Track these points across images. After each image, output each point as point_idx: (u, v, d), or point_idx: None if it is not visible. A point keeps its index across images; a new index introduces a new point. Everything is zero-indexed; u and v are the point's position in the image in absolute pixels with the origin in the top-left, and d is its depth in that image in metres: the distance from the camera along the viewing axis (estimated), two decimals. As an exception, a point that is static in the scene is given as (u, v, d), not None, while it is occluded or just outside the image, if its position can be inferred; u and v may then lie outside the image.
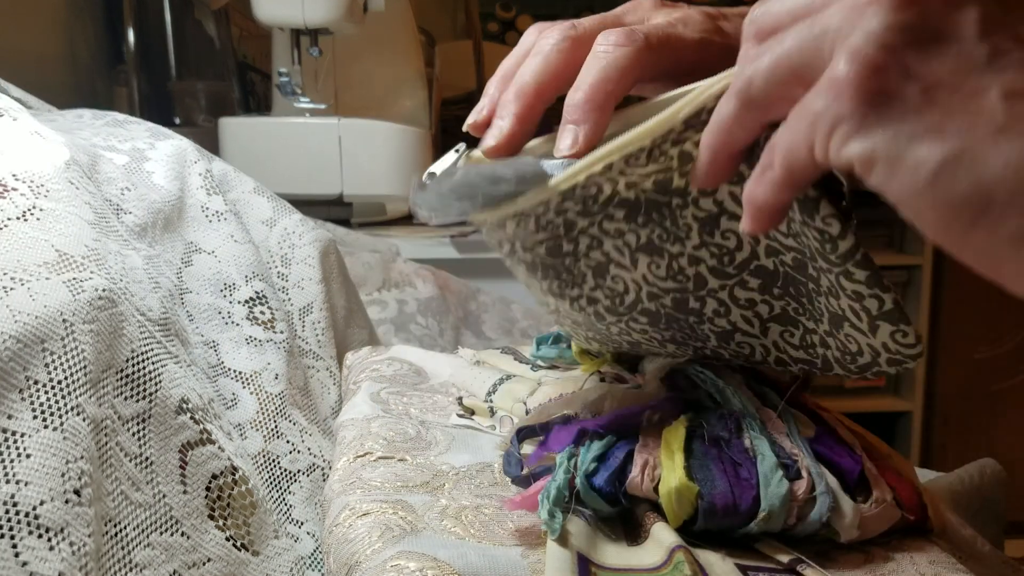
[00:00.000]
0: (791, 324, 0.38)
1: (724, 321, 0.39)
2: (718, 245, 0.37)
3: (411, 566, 0.30)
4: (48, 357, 0.34)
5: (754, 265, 0.37)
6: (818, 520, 0.35)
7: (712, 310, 0.39)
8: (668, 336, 0.42)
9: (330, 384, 0.58)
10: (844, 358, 0.37)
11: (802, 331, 0.38)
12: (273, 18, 0.94)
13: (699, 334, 0.40)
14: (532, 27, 0.42)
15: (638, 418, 0.38)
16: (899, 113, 0.25)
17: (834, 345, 0.37)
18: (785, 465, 0.35)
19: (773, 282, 0.37)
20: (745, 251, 0.37)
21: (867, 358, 0.35)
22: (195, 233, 0.54)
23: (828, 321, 0.36)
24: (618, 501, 0.36)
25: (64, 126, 0.58)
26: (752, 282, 0.37)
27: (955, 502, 0.41)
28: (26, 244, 0.37)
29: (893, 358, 0.35)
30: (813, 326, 0.37)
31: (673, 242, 0.37)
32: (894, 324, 0.33)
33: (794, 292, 0.37)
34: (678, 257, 0.38)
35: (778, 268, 0.36)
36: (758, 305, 0.38)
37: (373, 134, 1.00)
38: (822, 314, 0.36)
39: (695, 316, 0.39)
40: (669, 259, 0.38)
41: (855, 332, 0.35)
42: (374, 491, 0.38)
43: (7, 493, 0.30)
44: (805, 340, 0.38)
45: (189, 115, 1.32)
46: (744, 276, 0.37)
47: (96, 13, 1.26)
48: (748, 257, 0.37)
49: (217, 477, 0.41)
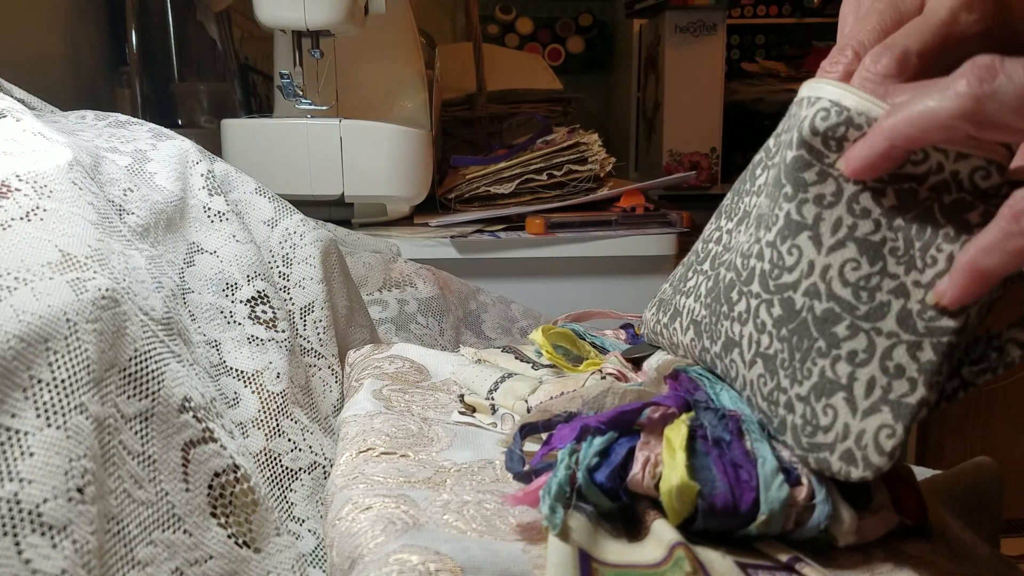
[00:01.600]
0: (770, 372, 0.37)
1: (738, 328, 0.39)
2: (779, 254, 0.36)
3: (413, 559, 0.31)
4: (51, 356, 0.34)
5: (787, 295, 0.36)
6: (816, 527, 0.35)
7: (739, 311, 0.39)
8: (701, 316, 0.42)
9: (331, 383, 0.58)
10: (804, 428, 0.35)
11: (774, 384, 0.37)
12: (275, 20, 0.94)
13: (718, 329, 0.40)
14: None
15: (640, 415, 0.38)
16: None
17: (800, 411, 0.36)
18: (786, 470, 0.36)
19: (788, 321, 0.36)
20: (792, 276, 0.36)
21: (829, 438, 0.34)
22: (197, 233, 0.54)
23: (810, 387, 0.35)
24: (619, 497, 0.36)
25: (67, 127, 0.58)
26: (776, 310, 0.37)
27: (951, 500, 0.41)
28: (29, 244, 0.37)
29: (854, 453, 0.33)
30: (787, 384, 0.36)
31: (764, 226, 0.37)
32: (894, 419, 0.32)
33: (795, 343, 0.36)
34: (758, 242, 0.38)
35: (802, 311, 0.36)
36: (764, 335, 0.37)
37: (374, 135, 1.00)
38: (807, 377, 0.35)
39: (728, 307, 0.39)
40: (754, 239, 0.38)
41: (843, 406, 0.34)
42: (377, 486, 0.38)
43: (11, 491, 0.30)
44: (772, 395, 0.37)
45: (191, 116, 1.32)
46: (775, 299, 0.37)
47: (99, 15, 1.27)
48: (790, 283, 0.36)
49: (219, 475, 0.41)
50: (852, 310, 0.34)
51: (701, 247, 0.45)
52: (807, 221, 0.35)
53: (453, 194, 1.13)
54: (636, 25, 1.67)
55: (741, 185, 0.43)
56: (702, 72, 1.51)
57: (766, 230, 0.37)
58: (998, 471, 0.43)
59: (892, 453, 0.33)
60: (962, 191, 0.32)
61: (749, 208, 0.41)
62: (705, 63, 1.51)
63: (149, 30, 1.30)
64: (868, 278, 0.34)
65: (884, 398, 0.33)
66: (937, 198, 0.33)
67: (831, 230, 0.35)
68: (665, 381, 0.43)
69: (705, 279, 0.42)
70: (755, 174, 0.41)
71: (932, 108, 0.29)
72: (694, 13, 1.48)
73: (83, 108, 0.65)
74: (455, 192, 1.13)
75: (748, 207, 0.41)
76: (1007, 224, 0.28)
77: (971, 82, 0.28)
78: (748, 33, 1.83)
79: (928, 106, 0.29)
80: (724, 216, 0.44)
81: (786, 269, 0.36)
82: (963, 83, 0.28)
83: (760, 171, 0.41)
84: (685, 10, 1.48)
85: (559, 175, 1.11)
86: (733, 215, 0.43)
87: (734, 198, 0.43)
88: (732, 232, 0.42)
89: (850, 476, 0.34)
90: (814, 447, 0.35)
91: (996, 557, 0.37)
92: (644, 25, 1.65)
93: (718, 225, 0.44)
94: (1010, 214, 0.28)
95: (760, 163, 0.41)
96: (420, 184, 1.05)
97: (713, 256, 0.43)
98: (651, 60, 1.60)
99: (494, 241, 1.04)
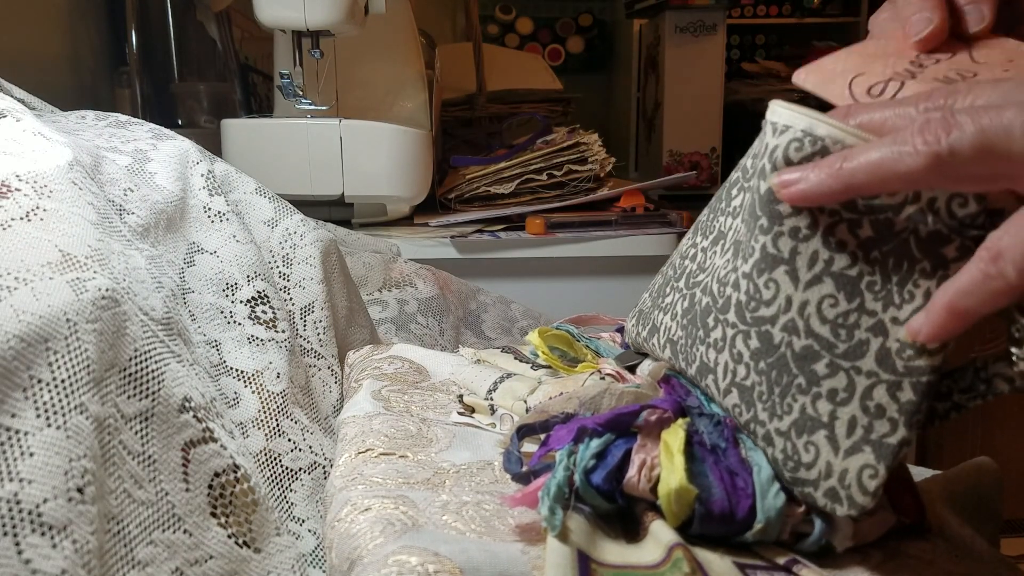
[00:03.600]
0: (746, 403, 0.37)
1: (714, 355, 0.38)
2: (756, 287, 0.36)
3: (412, 560, 0.31)
4: (51, 356, 0.34)
5: (764, 328, 0.36)
6: (816, 544, 0.35)
7: (715, 338, 0.38)
8: (677, 336, 0.42)
9: (331, 383, 0.58)
10: (785, 462, 0.35)
11: (751, 416, 0.37)
12: (275, 20, 0.94)
13: (693, 353, 0.40)
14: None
15: (637, 417, 0.38)
16: None
17: (781, 446, 0.35)
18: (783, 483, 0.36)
19: (766, 355, 0.36)
20: (770, 310, 0.35)
21: (812, 475, 0.34)
22: (197, 233, 0.54)
23: (790, 422, 0.35)
24: (615, 499, 0.36)
25: (67, 127, 0.58)
26: (753, 342, 0.36)
27: (951, 500, 0.41)
28: (29, 244, 0.37)
29: (837, 491, 0.33)
30: (765, 418, 0.36)
31: (742, 256, 0.37)
32: (876, 460, 0.32)
33: (774, 377, 0.35)
34: (735, 271, 0.37)
35: (781, 346, 0.35)
36: (740, 365, 0.37)
37: (374, 135, 1.00)
38: (786, 412, 0.35)
39: (704, 332, 0.39)
40: (732, 268, 0.38)
41: (825, 444, 0.34)
42: (376, 487, 0.38)
43: (10, 491, 0.30)
44: (749, 426, 0.37)
45: (191, 116, 1.32)
46: (752, 331, 0.36)
47: (99, 15, 1.27)
48: (767, 316, 0.35)
49: (219, 475, 0.41)
50: (831, 348, 0.34)
51: (678, 262, 0.44)
52: (783, 255, 0.35)
53: (453, 194, 1.13)
54: (636, 25, 1.67)
55: (717, 203, 0.42)
56: (702, 72, 1.51)
57: (743, 260, 0.37)
58: (998, 471, 0.43)
59: (875, 493, 0.32)
60: (939, 221, 0.32)
61: (724, 229, 0.40)
62: (705, 63, 1.50)
63: (149, 30, 1.30)
64: (846, 315, 0.33)
65: (866, 438, 0.33)
66: (913, 229, 0.32)
67: (807, 264, 0.34)
68: (659, 385, 0.43)
69: (681, 298, 0.42)
70: (731, 194, 0.41)
71: (893, 162, 0.29)
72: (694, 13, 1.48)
73: (83, 108, 0.65)
74: (455, 192, 1.13)
75: (724, 227, 0.40)
76: (986, 266, 0.28)
77: (928, 140, 0.28)
78: (748, 33, 1.83)
79: (888, 160, 0.30)
80: (700, 233, 0.43)
81: (763, 303, 0.36)
82: (920, 140, 0.29)
83: (736, 191, 0.40)
84: (685, 10, 1.48)
85: (559, 175, 1.11)
86: (709, 233, 0.42)
87: (710, 215, 0.43)
88: (707, 251, 0.41)
89: (836, 512, 0.34)
90: (797, 481, 0.35)
91: (996, 556, 0.37)
92: (644, 25, 1.65)
93: (694, 242, 0.43)
94: (988, 256, 0.28)
95: (736, 183, 0.41)
96: (420, 184, 1.05)
97: (688, 274, 0.42)
98: (651, 60, 1.60)
99: (494, 241, 1.04)
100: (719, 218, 0.41)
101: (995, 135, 0.27)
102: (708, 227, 0.42)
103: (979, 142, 0.27)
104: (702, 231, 0.43)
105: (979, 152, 0.28)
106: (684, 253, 0.44)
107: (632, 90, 1.70)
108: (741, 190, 0.40)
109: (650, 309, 0.46)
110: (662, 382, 0.44)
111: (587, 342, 0.55)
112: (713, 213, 0.42)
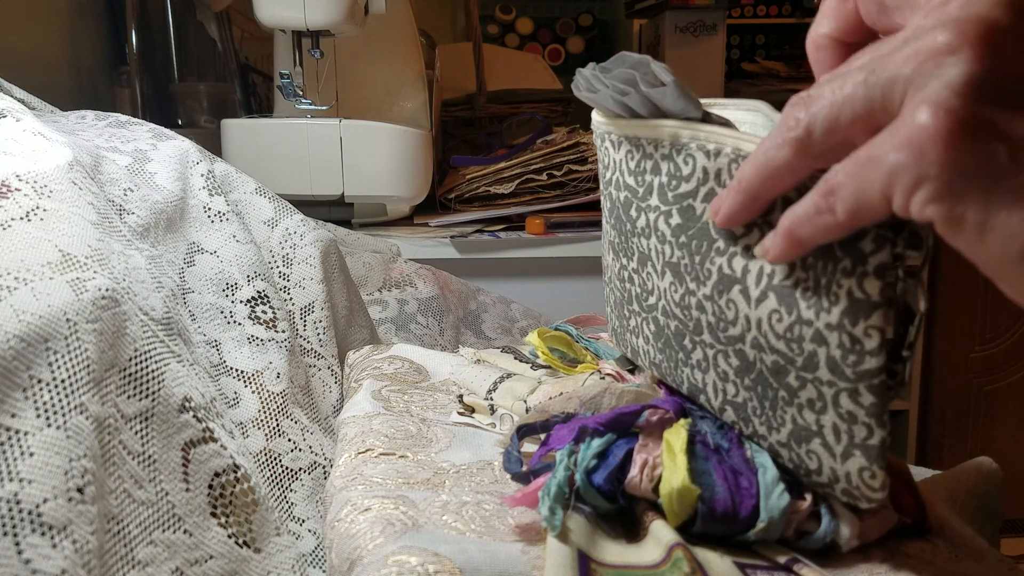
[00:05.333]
0: (743, 419, 0.37)
1: (700, 376, 0.39)
2: (720, 308, 0.36)
3: (412, 561, 0.31)
4: (51, 356, 0.34)
5: (738, 347, 0.36)
6: (822, 539, 0.35)
7: (697, 359, 0.39)
8: (659, 360, 0.42)
9: (331, 383, 0.58)
10: (797, 470, 0.36)
11: (751, 432, 0.37)
12: (275, 20, 0.94)
13: (679, 375, 0.40)
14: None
15: (638, 417, 0.38)
16: (989, 176, 0.24)
17: (787, 456, 0.36)
18: (788, 483, 0.36)
19: (747, 372, 0.36)
20: (736, 329, 0.36)
21: (824, 479, 0.34)
22: (197, 233, 0.54)
23: (788, 433, 0.35)
24: (616, 499, 0.36)
25: (67, 127, 0.58)
26: (733, 360, 0.37)
27: (951, 500, 0.41)
28: (29, 244, 0.37)
29: (851, 491, 0.34)
30: (764, 432, 0.36)
31: (693, 279, 0.37)
32: (868, 462, 0.32)
33: (760, 392, 0.36)
34: (692, 294, 0.37)
35: (756, 362, 0.35)
36: (728, 383, 0.37)
37: (374, 135, 1.00)
38: (781, 424, 0.35)
39: (684, 355, 0.39)
40: (685, 291, 0.38)
41: (822, 451, 0.34)
42: (375, 487, 0.38)
43: (10, 491, 0.30)
44: (753, 439, 0.37)
45: (191, 116, 1.32)
46: (729, 350, 0.36)
47: (99, 15, 1.27)
48: (737, 336, 0.36)
49: (219, 475, 0.41)
50: (792, 361, 0.34)
51: (620, 285, 0.44)
52: (736, 275, 0.35)
53: (453, 194, 1.13)
54: (636, 25, 1.67)
55: (621, 224, 0.42)
56: (702, 72, 1.51)
57: (698, 284, 0.37)
58: (998, 471, 0.43)
59: (882, 487, 0.33)
60: None
61: (645, 250, 0.40)
62: (705, 63, 1.51)
63: (149, 30, 1.30)
64: (791, 328, 0.33)
65: (852, 443, 0.33)
66: None
67: (755, 281, 0.34)
68: (659, 386, 0.43)
69: (643, 321, 0.42)
70: (631, 215, 0.40)
71: (768, 160, 0.30)
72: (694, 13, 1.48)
73: (83, 108, 0.65)
74: (455, 192, 1.13)
75: (643, 248, 0.40)
76: (819, 199, 0.28)
77: (789, 126, 0.29)
78: (748, 33, 1.83)
79: (764, 159, 0.30)
80: (621, 254, 0.43)
81: (729, 323, 0.36)
82: (782, 128, 0.29)
83: (635, 212, 0.40)
84: (685, 10, 1.48)
85: (559, 175, 1.11)
86: (630, 254, 0.42)
87: (620, 237, 0.42)
88: (639, 272, 0.41)
89: (859, 507, 0.34)
90: (816, 485, 0.35)
91: (996, 556, 0.37)
92: (644, 25, 1.65)
93: (622, 263, 0.43)
94: (824, 188, 0.28)
95: (629, 204, 0.40)
96: (420, 184, 1.05)
97: (636, 297, 0.42)
98: (651, 60, 1.60)
99: (494, 241, 1.04)
100: (631, 239, 0.41)
101: (839, 106, 0.27)
102: (626, 248, 0.42)
103: (828, 114, 0.28)
104: (622, 252, 0.43)
105: (831, 124, 0.28)
106: (619, 276, 0.44)
107: (632, 90, 1.70)
108: (640, 211, 0.40)
109: (621, 331, 0.46)
110: (661, 383, 0.44)
111: (586, 343, 0.55)
112: (623, 235, 0.42)
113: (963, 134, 0.24)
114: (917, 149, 0.24)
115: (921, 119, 0.24)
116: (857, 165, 0.27)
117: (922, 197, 0.25)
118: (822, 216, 0.28)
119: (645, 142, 0.38)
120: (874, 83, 0.26)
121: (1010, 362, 1.70)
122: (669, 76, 0.35)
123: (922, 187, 0.25)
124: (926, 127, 0.24)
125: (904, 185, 0.25)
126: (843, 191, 0.27)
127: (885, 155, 0.25)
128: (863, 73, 0.27)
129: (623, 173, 0.40)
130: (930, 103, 0.24)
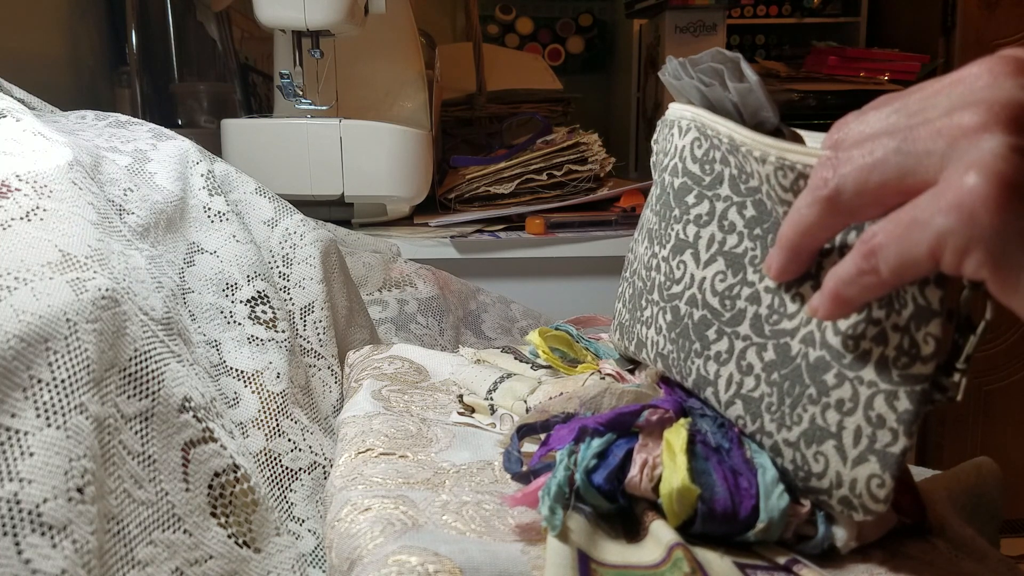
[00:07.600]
0: (752, 414, 0.37)
1: (714, 368, 0.39)
2: (782, 301, 0.36)
3: (412, 560, 0.31)
4: (51, 356, 0.34)
5: (783, 341, 0.36)
6: (820, 545, 0.35)
7: (716, 351, 0.39)
8: (667, 351, 0.42)
9: (331, 383, 0.58)
10: (796, 472, 0.36)
11: (757, 427, 0.37)
12: (275, 20, 0.94)
13: (687, 367, 0.40)
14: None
15: (638, 417, 0.38)
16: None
17: (790, 456, 0.36)
18: (788, 485, 0.36)
19: (782, 366, 0.36)
20: (792, 323, 0.36)
21: (824, 484, 0.34)
22: (197, 233, 0.54)
23: (799, 432, 0.35)
24: (616, 499, 0.36)
25: (67, 127, 0.58)
26: (768, 355, 0.37)
27: (951, 500, 0.41)
28: (29, 244, 0.37)
29: (851, 499, 0.34)
30: (772, 429, 0.36)
31: (756, 270, 0.38)
32: (881, 469, 0.33)
33: (786, 388, 0.36)
34: (746, 286, 0.38)
35: (797, 357, 0.36)
36: (750, 377, 0.37)
37: (374, 135, 1.00)
38: (795, 423, 0.35)
39: (701, 345, 0.39)
40: (739, 282, 0.38)
41: (833, 454, 0.34)
42: (375, 487, 0.38)
43: (10, 491, 0.30)
44: (755, 437, 0.37)
45: (191, 116, 1.32)
46: (769, 343, 0.37)
47: (99, 15, 1.27)
48: (789, 329, 0.36)
49: (219, 475, 0.41)
50: (840, 358, 0.34)
51: (644, 273, 0.44)
52: (811, 270, 0.35)
53: (453, 194, 1.13)
54: (636, 25, 1.67)
55: (666, 211, 0.42)
56: (702, 72, 1.51)
57: (762, 276, 0.37)
58: (998, 471, 0.43)
59: (886, 499, 0.33)
60: None
61: (686, 237, 0.41)
62: (705, 63, 1.50)
63: (149, 30, 1.30)
64: (856, 325, 0.34)
65: (871, 447, 0.33)
66: None
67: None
68: (659, 385, 0.43)
69: (661, 311, 0.42)
70: (686, 201, 0.41)
71: (802, 219, 0.32)
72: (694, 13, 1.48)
73: (83, 108, 0.65)
74: (455, 192, 1.13)
75: (685, 235, 0.41)
76: (861, 261, 0.30)
77: (817, 185, 0.31)
78: (748, 33, 1.83)
79: (798, 218, 0.32)
80: (655, 242, 0.43)
81: (787, 316, 0.36)
82: (812, 186, 0.31)
83: (695, 199, 0.41)
84: (685, 10, 1.48)
85: (559, 175, 1.11)
86: (665, 241, 0.42)
87: (660, 223, 0.43)
88: (670, 261, 0.42)
89: (853, 517, 0.34)
90: (811, 490, 0.35)
91: (996, 556, 0.37)
92: (644, 25, 1.65)
93: (653, 251, 0.43)
94: (864, 250, 0.29)
95: (689, 190, 0.41)
96: (420, 184, 1.05)
97: (659, 286, 0.43)
98: (651, 60, 1.60)
99: (494, 241, 1.04)
100: (674, 226, 0.42)
101: (869, 170, 0.29)
102: (663, 235, 0.43)
103: (858, 177, 0.29)
104: (657, 240, 0.43)
105: (860, 186, 0.29)
106: (647, 264, 0.44)
107: (632, 90, 1.70)
108: (704, 198, 0.40)
109: (630, 323, 0.46)
110: (662, 382, 0.44)
111: (586, 344, 0.55)
112: (665, 221, 0.43)
113: (1013, 198, 0.25)
114: (968, 213, 0.25)
115: (970, 183, 0.25)
116: (900, 227, 0.28)
117: (976, 260, 0.26)
118: (865, 277, 0.30)
119: (711, 133, 0.40)
120: (908, 151, 0.28)
121: (1010, 362, 1.70)
122: (755, 76, 0.37)
123: (975, 250, 0.26)
124: (975, 191, 0.25)
125: (955, 247, 0.26)
126: (885, 251, 0.28)
127: (931, 218, 0.26)
128: (894, 141, 0.28)
129: (685, 160, 0.41)
130: (978, 168, 0.25)
